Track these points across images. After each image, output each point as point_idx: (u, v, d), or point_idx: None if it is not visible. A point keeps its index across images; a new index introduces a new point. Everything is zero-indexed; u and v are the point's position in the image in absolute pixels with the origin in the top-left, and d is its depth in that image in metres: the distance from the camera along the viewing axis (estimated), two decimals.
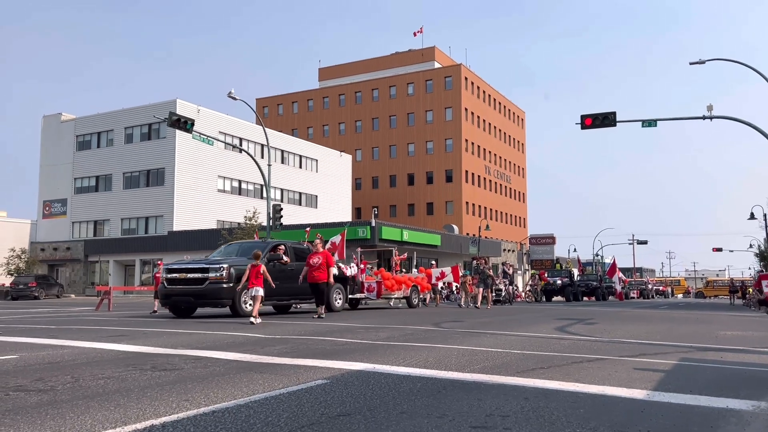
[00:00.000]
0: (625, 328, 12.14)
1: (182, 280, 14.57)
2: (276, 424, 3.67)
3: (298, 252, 16.61)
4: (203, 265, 14.53)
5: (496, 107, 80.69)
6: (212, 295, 14.23)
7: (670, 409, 4.28)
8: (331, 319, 14.52)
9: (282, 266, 15.41)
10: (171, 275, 14.79)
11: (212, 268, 14.26)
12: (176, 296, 14.69)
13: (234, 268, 14.29)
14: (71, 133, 55.04)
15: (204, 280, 14.27)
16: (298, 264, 15.74)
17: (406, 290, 21.50)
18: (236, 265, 14.43)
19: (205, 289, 14.18)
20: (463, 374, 5.64)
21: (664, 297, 66.82)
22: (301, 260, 15.84)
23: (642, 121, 23.61)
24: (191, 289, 14.40)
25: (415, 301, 22.01)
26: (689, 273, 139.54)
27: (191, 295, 14.41)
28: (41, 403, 4.26)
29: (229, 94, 28.42)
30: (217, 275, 14.16)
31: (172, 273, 14.80)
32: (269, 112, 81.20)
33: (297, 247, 17.05)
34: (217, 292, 14.17)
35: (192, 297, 14.41)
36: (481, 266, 23.03)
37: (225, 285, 14.12)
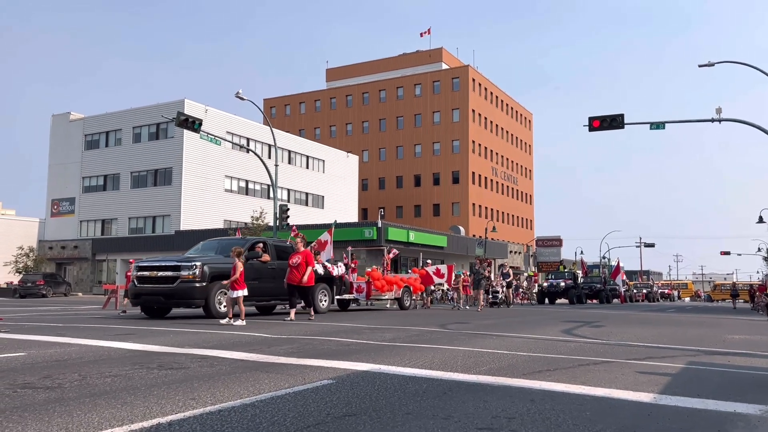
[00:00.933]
0: (631, 331, 12.09)
1: (153, 278, 13.66)
2: (282, 423, 3.68)
3: (280, 250, 15.76)
4: (174, 263, 13.63)
5: (504, 109, 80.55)
6: (184, 295, 13.28)
7: (678, 412, 4.26)
8: (336, 319, 14.52)
9: (261, 265, 14.64)
10: (141, 273, 13.86)
11: (184, 266, 13.38)
12: (146, 296, 13.76)
13: (208, 266, 13.49)
14: (80, 133, 55.33)
15: (175, 278, 13.36)
16: (280, 263, 15.03)
17: (397, 291, 20.69)
18: (210, 263, 13.67)
19: (177, 288, 13.24)
20: (469, 376, 5.63)
21: (670, 300, 66.48)
22: (283, 259, 15.08)
23: (650, 124, 23.51)
24: (162, 288, 13.48)
25: (407, 303, 21.15)
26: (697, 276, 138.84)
27: (162, 295, 13.47)
28: (49, 400, 4.29)
29: (237, 94, 28.49)
30: (190, 274, 13.25)
31: (143, 271, 13.88)
32: (277, 113, 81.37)
33: (279, 245, 16.17)
34: (189, 292, 13.25)
35: (162, 297, 13.48)
36: (476, 266, 22.42)
37: (198, 284, 13.24)
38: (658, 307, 37.10)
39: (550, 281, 40.36)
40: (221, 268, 13.45)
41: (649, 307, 34.20)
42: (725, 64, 25.40)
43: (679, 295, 79.87)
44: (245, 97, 28.65)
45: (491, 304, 26.17)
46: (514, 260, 72.57)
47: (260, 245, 14.90)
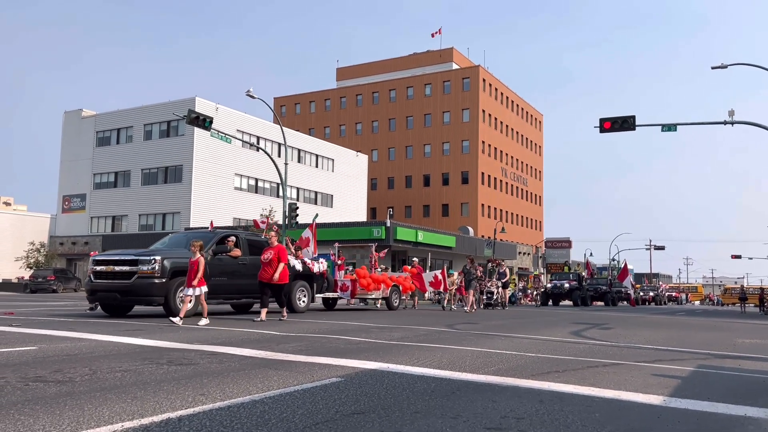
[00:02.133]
0: (641, 334, 12.02)
1: (109, 273, 12.65)
2: (291, 420, 3.69)
3: (254, 244, 14.78)
4: (132, 257, 12.60)
5: (514, 109, 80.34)
6: (141, 292, 12.27)
7: (687, 415, 4.23)
8: (345, 318, 14.53)
9: (231, 260, 13.78)
10: (97, 268, 12.85)
11: (142, 261, 12.38)
12: (102, 292, 12.73)
13: (168, 260, 12.45)
14: (91, 129, 55.71)
15: (132, 274, 12.34)
16: (253, 258, 14.12)
17: (385, 290, 19.67)
18: (172, 257, 12.62)
19: (134, 284, 12.22)
20: (478, 376, 5.63)
21: (677, 303, 65.98)
22: (257, 254, 14.06)
23: (662, 126, 23.38)
24: (118, 284, 12.45)
25: (395, 303, 20.11)
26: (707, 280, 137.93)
27: (117, 291, 12.43)
28: (60, 393, 4.32)
29: (248, 92, 28.59)
30: (148, 269, 12.26)
31: (99, 265, 12.87)
32: (287, 111, 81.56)
33: (253, 239, 15.18)
34: (146, 288, 12.23)
35: (118, 293, 12.43)
36: (468, 266, 21.51)
37: (157, 280, 12.25)
38: (668, 310, 36.87)
39: (554, 282, 39.45)
40: (184, 263, 12.25)
41: (659, 310, 34.01)
42: (738, 66, 25.20)
43: (688, 298, 79.29)
44: (256, 96, 28.75)
45: (485, 305, 24.87)
46: (523, 261, 72.39)
47: (231, 239, 13.97)
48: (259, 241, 15.15)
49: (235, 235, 14.43)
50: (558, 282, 39.13)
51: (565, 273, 45.29)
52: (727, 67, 24.62)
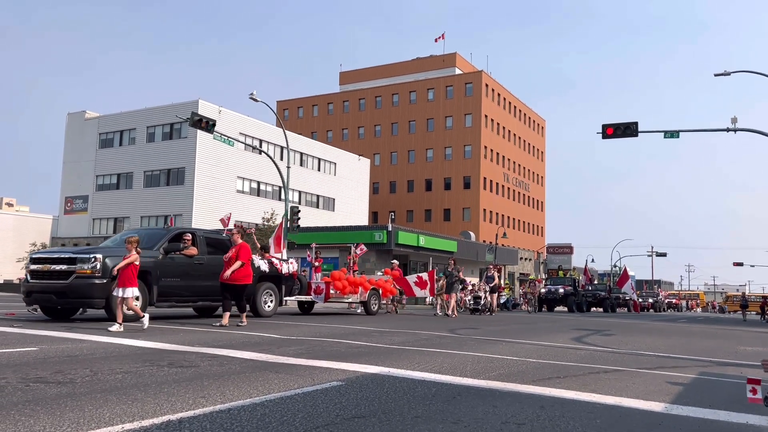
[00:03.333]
0: (642, 341, 12.00)
1: (46, 273, 11.58)
2: (291, 423, 3.68)
3: (213, 243, 13.68)
4: (70, 255, 11.53)
5: (517, 115, 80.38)
6: (79, 293, 11.14)
7: (689, 422, 4.22)
8: (346, 322, 14.51)
9: (186, 260, 12.67)
10: (34, 267, 11.83)
11: (81, 259, 11.27)
12: (37, 293, 11.67)
13: (111, 259, 11.30)
14: (94, 131, 55.83)
15: (70, 273, 11.20)
16: (211, 258, 13.13)
17: (363, 294, 18.52)
18: (114, 255, 11.41)
19: (71, 285, 11.09)
20: (479, 381, 5.61)
21: (676, 310, 65.71)
22: (216, 254, 13.27)
23: (664, 132, 23.37)
24: (54, 284, 11.34)
25: (374, 307, 18.85)
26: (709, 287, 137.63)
27: (53, 293, 11.34)
28: (60, 395, 4.32)
29: (251, 95, 28.63)
30: (87, 268, 11.15)
31: (35, 264, 11.85)
32: (289, 115, 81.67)
33: (212, 238, 13.99)
34: (85, 290, 11.10)
35: (54, 295, 11.34)
36: (449, 267, 20.44)
37: (97, 281, 11.11)
38: (669, 317, 36.74)
39: (548, 287, 37.79)
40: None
41: (659, 317, 33.89)
42: (741, 73, 25.21)
43: (688, 305, 79.06)
44: (259, 99, 28.78)
45: (472, 311, 23.67)
46: (525, 267, 72.29)
47: (187, 237, 12.89)
48: (218, 239, 13.99)
49: (192, 232, 13.41)
50: (552, 287, 37.53)
51: (561, 278, 42.97)
52: (731, 75, 24.64)
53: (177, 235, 12.99)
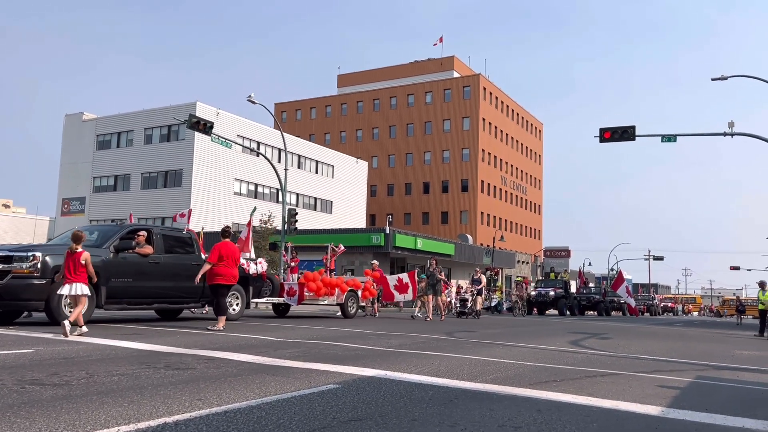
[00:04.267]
0: (639, 344, 12.01)
1: None
2: (288, 426, 3.68)
3: (171, 241, 12.78)
4: (6, 253, 10.50)
5: (514, 118, 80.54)
6: (15, 295, 10.09)
7: (685, 426, 4.22)
8: (344, 325, 14.50)
9: (140, 259, 11.82)
10: None
11: (18, 257, 10.31)
12: None
13: (52, 257, 10.43)
14: (92, 133, 55.77)
15: (6, 273, 10.20)
16: (169, 257, 12.44)
17: (340, 295, 17.68)
18: (56, 253, 10.51)
19: (6, 285, 10.09)
20: (475, 384, 5.61)
21: (673, 314, 65.71)
22: (175, 252, 12.62)
23: (662, 136, 23.45)
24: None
25: (351, 310, 18.00)
26: (705, 291, 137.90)
27: None
28: (56, 397, 4.31)
29: (249, 97, 28.63)
30: (25, 267, 10.20)
31: None
32: (287, 117, 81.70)
33: (171, 236, 13.05)
34: (22, 291, 10.10)
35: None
36: (431, 268, 19.59)
37: (35, 281, 10.18)
38: (665, 320, 36.79)
39: (538, 290, 36.65)
40: None
41: (656, 321, 33.94)
42: (740, 78, 25.30)
43: (684, 308, 79.15)
44: (257, 101, 28.79)
45: (458, 314, 23.10)
46: (522, 270, 72.34)
47: (142, 234, 12.04)
48: (177, 237, 13.07)
49: (147, 229, 12.47)
50: (543, 290, 36.29)
51: (551, 280, 41.52)
52: (727, 79, 24.72)
53: (130, 232, 12.06)
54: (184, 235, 13.37)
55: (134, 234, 12.02)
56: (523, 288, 32.32)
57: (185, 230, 13.47)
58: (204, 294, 12.87)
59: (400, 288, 19.90)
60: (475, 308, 23.09)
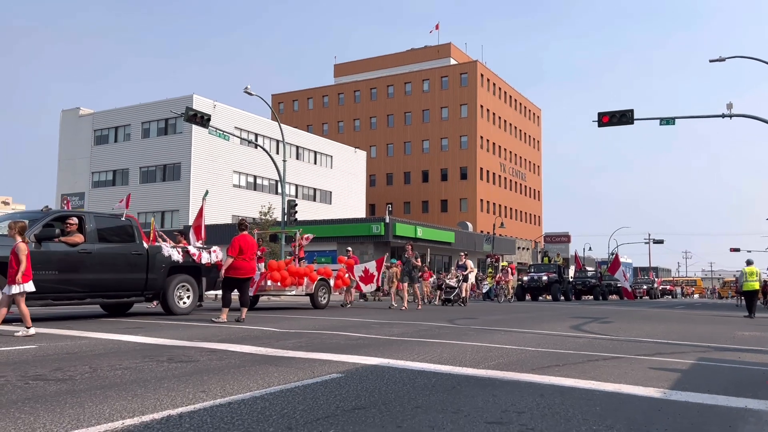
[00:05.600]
0: (640, 327, 12.04)
1: None
2: (291, 416, 3.69)
3: (107, 229, 11.49)
4: None
5: (512, 104, 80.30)
6: None
7: (688, 408, 4.24)
8: (344, 314, 14.51)
9: (67, 248, 10.55)
10: None
11: None
12: None
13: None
14: (89, 128, 55.61)
15: None
16: (104, 247, 11.17)
17: (309, 285, 16.65)
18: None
19: None
20: (478, 370, 5.63)
21: (672, 297, 65.79)
22: (112, 241, 11.42)
23: (660, 119, 23.38)
24: None
25: (322, 300, 16.98)
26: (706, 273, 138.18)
27: None
28: (60, 392, 4.32)
29: (246, 89, 28.53)
30: None
31: None
32: (285, 108, 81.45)
33: (108, 223, 11.66)
34: None
35: None
36: (406, 255, 18.54)
37: None
38: (666, 303, 36.86)
39: (531, 275, 35.40)
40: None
41: (656, 304, 34.00)
42: (737, 59, 25.19)
43: (683, 291, 79.28)
44: (254, 93, 28.69)
45: (444, 302, 22.08)
46: (523, 256, 72.43)
47: (73, 221, 10.85)
48: (120, 226, 11.85)
49: (79, 216, 11.22)
50: (535, 275, 34.95)
51: (545, 264, 40.02)
52: (725, 60, 24.62)
53: (58, 219, 10.90)
54: (124, 222, 11.98)
55: (64, 221, 10.84)
56: (508, 273, 30.27)
57: (124, 217, 12.09)
58: (148, 287, 11.91)
59: (365, 279, 18.83)
60: (461, 295, 22.10)
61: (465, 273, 22.77)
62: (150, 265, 11.90)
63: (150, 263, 11.91)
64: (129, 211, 12.51)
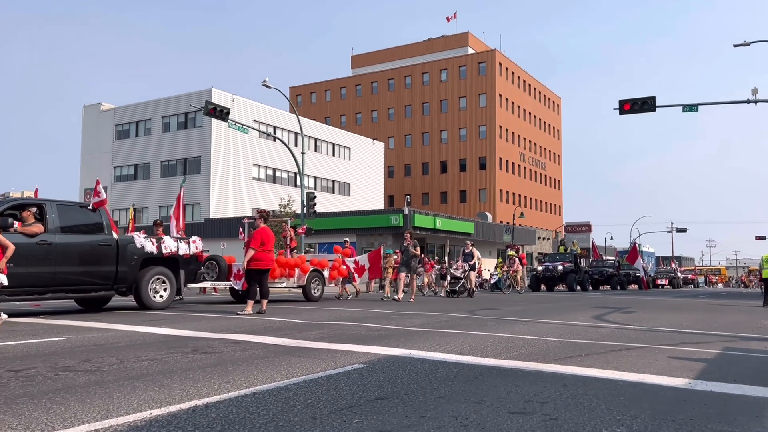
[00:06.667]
0: (663, 317, 11.92)
1: None
2: (315, 406, 3.73)
3: (71, 219, 10.69)
4: None
5: (532, 93, 79.56)
6: None
7: (713, 397, 4.20)
8: (366, 306, 14.55)
9: (25, 239, 9.78)
10: None
11: None
12: None
13: None
14: (110, 123, 56.29)
15: None
16: (67, 237, 10.41)
17: (301, 276, 15.80)
18: None
19: None
20: (500, 361, 5.63)
21: (693, 286, 64.84)
22: (76, 232, 10.63)
23: (683, 106, 23.02)
24: None
25: (315, 292, 16.06)
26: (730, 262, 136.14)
27: None
28: (89, 382, 4.41)
29: (264, 82, 28.62)
30: None
31: None
32: (303, 101, 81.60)
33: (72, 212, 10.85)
34: None
35: None
36: (405, 243, 17.56)
37: None
38: (690, 293, 36.39)
39: (545, 264, 33.86)
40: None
41: (680, 293, 33.57)
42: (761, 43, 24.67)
43: (707, 280, 78.12)
44: (272, 86, 28.77)
45: (449, 293, 21.03)
46: (543, 246, 71.98)
47: (29, 210, 10.16)
48: (86, 214, 11.10)
49: (39, 204, 10.45)
50: (550, 264, 33.40)
51: (561, 254, 38.06)
52: (750, 45, 24.13)
53: (15, 207, 10.17)
54: (91, 211, 11.20)
55: (19, 210, 10.12)
56: (516, 263, 27.82)
57: (92, 205, 11.24)
58: (118, 280, 11.19)
59: (357, 270, 17.87)
60: (468, 286, 21.00)
61: (471, 262, 21.56)
62: (120, 257, 11.19)
63: (120, 255, 11.19)
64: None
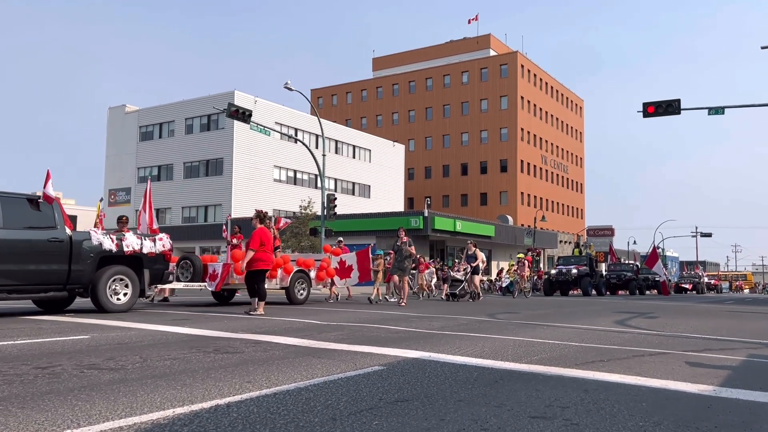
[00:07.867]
0: (687, 323, 11.75)
1: None
2: (335, 407, 3.74)
3: (15, 213, 9.61)
4: None
5: (554, 95, 79.01)
6: None
7: (738, 405, 4.13)
8: (385, 308, 14.55)
9: None
10: None
11: None
12: None
13: None
14: (135, 124, 57.12)
15: None
16: (10, 233, 9.43)
17: (285, 277, 14.61)
18: None
19: None
20: (520, 365, 5.59)
21: (716, 292, 63.74)
22: (20, 227, 9.60)
23: (708, 109, 22.68)
24: None
25: (300, 294, 14.89)
26: (757, 267, 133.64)
27: None
28: (113, 380, 4.47)
29: (286, 84, 28.84)
30: None
31: None
32: (323, 103, 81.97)
33: (15, 205, 9.72)
34: None
35: None
36: (398, 242, 16.07)
37: None
38: (714, 298, 35.79)
39: (559, 267, 32.57)
40: None
41: (704, 299, 33.04)
42: None
43: (731, 286, 76.73)
44: (293, 88, 28.97)
45: (449, 296, 19.63)
46: (564, 250, 71.38)
47: None
48: (31, 208, 9.98)
49: None
50: (564, 267, 32.08)
51: (576, 257, 36.78)
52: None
53: None
54: (40, 204, 10.15)
55: None
56: (524, 266, 26.31)
57: (42, 197, 10.23)
58: (71, 280, 10.23)
59: (342, 272, 16.66)
60: (469, 290, 19.80)
61: (474, 264, 20.11)
62: (74, 255, 10.17)
63: (74, 252, 10.18)
64: None
